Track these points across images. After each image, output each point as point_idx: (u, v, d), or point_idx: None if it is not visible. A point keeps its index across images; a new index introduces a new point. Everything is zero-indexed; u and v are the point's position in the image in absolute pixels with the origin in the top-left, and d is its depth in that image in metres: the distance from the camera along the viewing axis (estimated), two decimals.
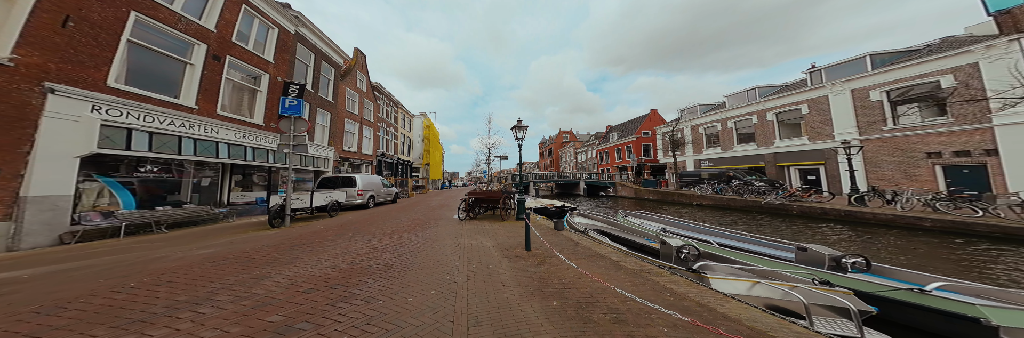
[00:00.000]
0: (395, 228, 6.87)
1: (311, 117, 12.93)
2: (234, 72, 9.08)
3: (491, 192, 8.39)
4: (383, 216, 9.10)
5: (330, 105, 14.89)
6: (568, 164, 59.57)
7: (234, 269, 3.61)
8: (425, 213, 10.10)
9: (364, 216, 9.14)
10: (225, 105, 8.71)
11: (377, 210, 11.00)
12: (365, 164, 19.32)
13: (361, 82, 19.45)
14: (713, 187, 15.89)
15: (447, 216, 9.30)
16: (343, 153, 16.36)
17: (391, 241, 5.45)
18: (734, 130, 19.60)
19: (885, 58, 12.98)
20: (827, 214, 9.61)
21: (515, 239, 5.63)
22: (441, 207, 12.25)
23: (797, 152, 15.74)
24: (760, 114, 17.71)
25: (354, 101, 18.25)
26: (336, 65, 15.67)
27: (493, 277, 3.41)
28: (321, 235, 5.95)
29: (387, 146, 23.64)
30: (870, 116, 12.88)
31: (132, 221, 5.66)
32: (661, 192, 19.94)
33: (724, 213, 12.99)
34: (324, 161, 14.15)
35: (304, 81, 12.78)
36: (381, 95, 23.11)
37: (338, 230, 6.56)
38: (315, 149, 12.99)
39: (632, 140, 34.88)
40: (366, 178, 12.11)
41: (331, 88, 15.20)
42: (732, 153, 19.65)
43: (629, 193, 24.44)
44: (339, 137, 16.11)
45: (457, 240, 5.58)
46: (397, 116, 27.01)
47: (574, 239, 5.59)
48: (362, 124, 18.83)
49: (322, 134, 14.45)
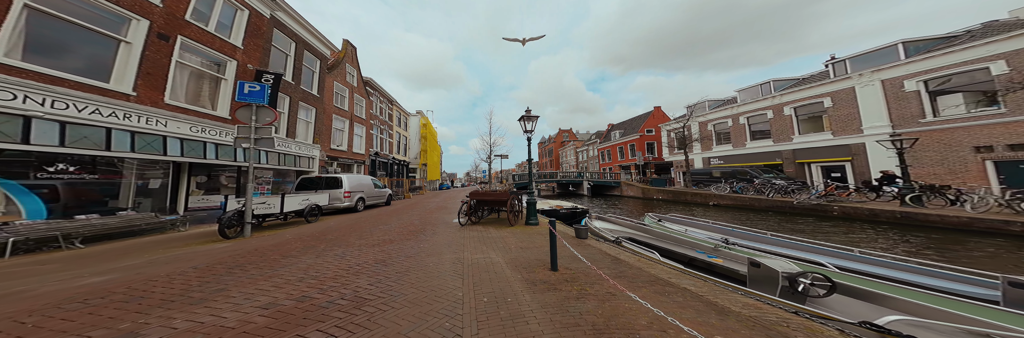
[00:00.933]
0: (382, 237, 5.61)
1: (292, 111, 11.62)
2: (190, 56, 7.77)
3: (496, 192, 7.18)
4: (371, 221, 7.83)
5: (315, 99, 13.59)
6: (569, 163, 58.51)
7: (97, 317, 2.31)
8: (421, 217, 8.84)
9: (349, 221, 7.86)
10: (178, 94, 7.39)
11: (366, 214, 9.72)
12: (357, 164, 17.99)
13: (351, 76, 18.15)
14: (731, 186, 14.77)
15: (446, 220, 8.06)
16: (331, 152, 15.04)
17: (373, 256, 4.19)
18: (747, 126, 18.54)
19: (919, 45, 11.97)
20: (877, 216, 8.48)
21: (532, 252, 4.40)
22: (439, 209, 10.99)
23: (819, 148, 14.67)
24: (776, 109, 16.66)
25: (343, 96, 16.94)
26: (322, 56, 14.37)
27: (517, 321, 2.19)
28: (283, 249, 4.68)
29: (381, 145, 22.32)
30: (905, 108, 11.84)
31: (33, 235, 4.34)
32: (672, 192, 18.80)
33: (748, 214, 11.85)
34: (308, 160, 12.81)
35: (282, 71, 11.48)
36: (374, 91, 21.81)
37: (309, 241, 5.28)
38: (297, 147, 11.66)
39: (635, 138, 33.85)
40: (354, 178, 10.81)
41: (316, 81, 13.90)
42: (745, 150, 18.57)
43: (636, 193, 23.30)
44: (326, 134, 14.79)
45: (458, 254, 4.34)
46: (392, 114, 25.71)
47: (608, 252, 4.37)
48: (353, 121, 17.52)
49: (306, 131, 13.13)
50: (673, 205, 17.00)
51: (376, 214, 9.68)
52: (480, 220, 7.73)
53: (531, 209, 7.13)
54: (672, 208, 15.73)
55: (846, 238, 7.33)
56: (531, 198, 7.24)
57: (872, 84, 12.73)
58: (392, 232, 6.24)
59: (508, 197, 7.00)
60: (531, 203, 7.15)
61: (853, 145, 13.45)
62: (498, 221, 7.82)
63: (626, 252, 4.38)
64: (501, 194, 7.12)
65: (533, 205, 7.17)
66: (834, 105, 14.14)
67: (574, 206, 11.04)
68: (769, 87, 17.62)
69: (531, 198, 7.24)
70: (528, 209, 7.14)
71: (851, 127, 13.57)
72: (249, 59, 9.39)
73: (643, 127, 33.72)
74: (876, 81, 12.58)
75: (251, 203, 5.65)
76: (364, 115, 19.31)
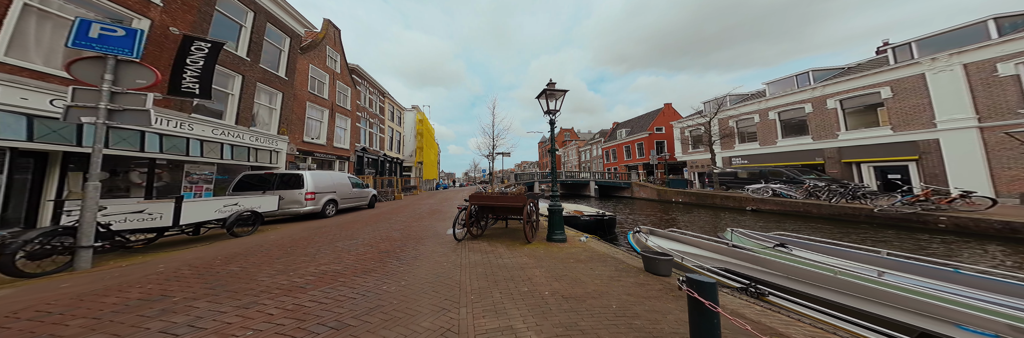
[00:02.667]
0: (326, 267, 3.40)
1: (245, 93, 9.34)
2: (60, 3, 5.45)
3: (507, 197, 4.98)
4: (334, 233, 5.60)
5: (282, 82, 11.33)
6: (571, 163, 56.41)
7: None
8: (406, 225, 6.63)
9: (301, 234, 5.61)
10: (30, 52, 5.10)
11: (336, 221, 7.47)
12: (340, 160, 15.72)
13: (334, 61, 15.90)
14: (772, 188, 12.64)
15: (437, 231, 5.85)
16: (304, 145, 12.77)
17: (262, 331, 1.97)
18: (777, 122, 16.44)
19: (1016, 22, 9.96)
20: (1017, 231, 6.32)
21: (591, 310, 2.21)
22: (431, 214, 8.76)
23: (873, 146, 12.62)
24: (817, 101, 14.59)
25: (322, 82, 14.68)
26: (292, 34, 12.12)
27: None
28: (90, 305, 2.44)
29: (370, 140, 20.05)
30: (997, 96, 9.81)
31: None
32: (694, 194, 16.62)
33: (802, 223, 9.72)
34: (272, 154, 10.53)
35: (231, 42, 9.21)
36: (362, 80, 19.56)
37: (166, 284, 3.04)
38: (253, 137, 9.40)
39: (644, 137, 31.79)
40: (322, 176, 8.55)
41: (284, 61, 11.65)
42: (775, 148, 16.47)
43: (650, 194, 21.16)
44: (298, 125, 12.52)
45: (449, 316, 2.15)
46: (384, 107, 23.46)
47: (769, 323, 2.17)
48: (334, 111, 15.26)
49: (269, 118, 10.86)
50: (698, 210, 14.86)
51: (349, 221, 7.43)
52: (483, 232, 5.54)
53: (557, 219, 4.95)
54: (695, 212, 13.62)
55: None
56: (555, 204, 5.05)
57: (950, 69, 10.69)
58: (351, 254, 4.02)
59: (524, 203, 4.82)
60: (556, 211, 4.97)
61: (921, 142, 11.40)
62: (506, 233, 5.61)
63: (801, 322, 2.16)
64: (514, 198, 4.93)
65: (560, 215, 4.98)
66: (894, 95, 12.10)
67: (599, 212, 8.86)
68: (807, 78, 15.55)
69: (555, 204, 5.05)
70: (552, 219, 4.96)
71: (918, 121, 11.52)
72: (173, 20, 7.10)
73: (652, 125, 31.69)
74: (956, 65, 10.54)
75: (93, 213, 3.37)
76: (349, 106, 17.06)
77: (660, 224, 11.20)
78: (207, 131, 7.81)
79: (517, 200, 4.90)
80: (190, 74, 6.81)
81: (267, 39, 10.57)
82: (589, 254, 4.12)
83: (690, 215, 13.02)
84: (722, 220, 11.18)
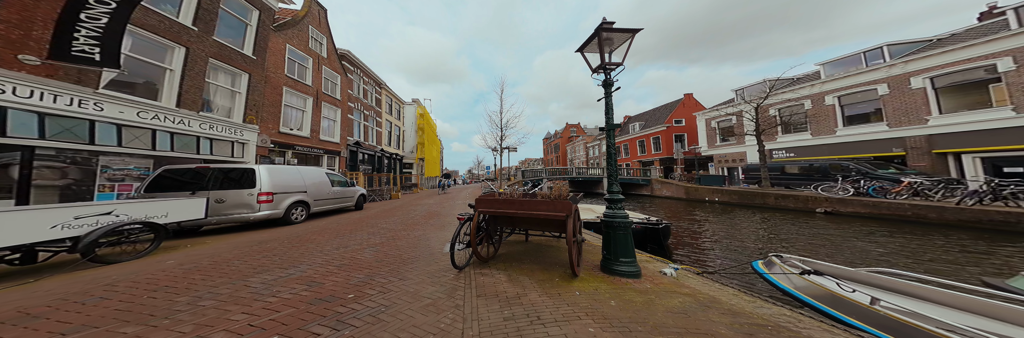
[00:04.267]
0: None
1: (191, 70, 7.47)
2: None
3: (539, 202, 2.93)
4: (277, 252, 3.70)
5: (248, 62, 9.46)
6: (579, 159, 54.19)
7: None
8: (390, 236, 4.71)
9: (223, 253, 3.71)
10: None
11: (300, 229, 5.57)
12: (329, 155, 13.90)
13: (319, 44, 14.02)
14: (854, 185, 10.35)
15: (431, 247, 3.92)
16: (281, 136, 10.94)
17: None
18: (837, 107, 13.95)
19: None
20: None
21: None
22: (428, 219, 6.84)
23: (983, 132, 10.16)
24: (896, 81, 12.05)
25: (304, 66, 12.82)
26: (262, 6, 10.22)
27: None
28: None
29: (365, 134, 18.22)
30: None
31: None
32: (735, 192, 14.28)
33: (909, 232, 7.55)
34: (235, 146, 8.71)
35: (170, 7, 7.33)
36: (354, 68, 17.68)
37: None
38: (208, 125, 7.57)
39: (661, 130, 29.46)
40: (284, 172, 6.65)
41: (251, 38, 9.76)
42: (833, 139, 14.00)
43: (675, 192, 18.97)
44: (272, 113, 10.68)
45: None
46: (381, 99, 21.59)
47: None
48: (319, 99, 13.40)
49: (232, 103, 9.01)
50: (741, 211, 12.68)
51: (317, 230, 5.53)
52: (496, 253, 3.57)
53: (622, 238, 2.92)
54: (742, 215, 11.46)
55: None
56: (617, 212, 3.02)
57: None
58: (256, 307, 2.09)
59: (569, 213, 2.82)
60: (621, 225, 2.93)
61: None
62: (528, 252, 3.62)
63: None
64: (552, 205, 2.87)
65: (627, 231, 2.93)
66: (1019, 67, 9.70)
67: (644, 217, 6.82)
68: (880, 54, 12.97)
69: (617, 212, 3.02)
70: (612, 236, 2.94)
71: None
72: None
73: (670, 117, 29.35)
74: None
75: None
76: (339, 95, 15.19)
77: (699, 228, 9.11)
78: (129, 114, 5.96)
79: (557, 207, 2.83)
80: (87, 33, 4.91)
81: (224, 8, 8.68)
82: (707, 306, 2.13)
83: (732, 217, 10.87)
84: (785, 225, 9.02)
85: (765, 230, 8.36)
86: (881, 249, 5.99)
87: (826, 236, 7.38)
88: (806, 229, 8.24)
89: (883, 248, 6.07)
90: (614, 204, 3.09)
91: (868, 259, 5.35)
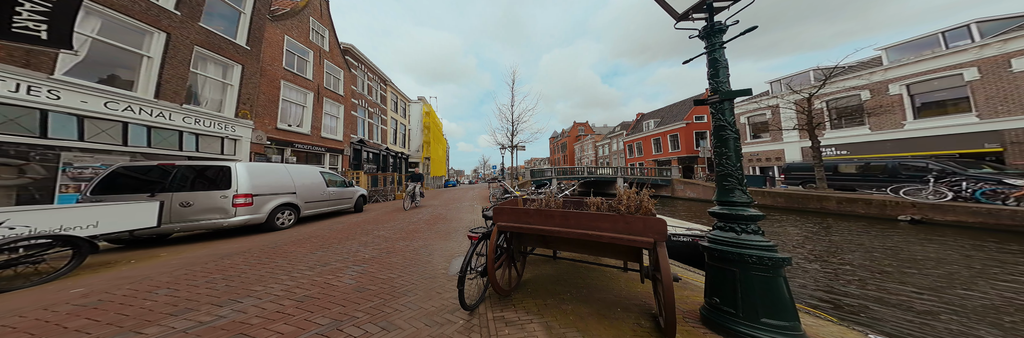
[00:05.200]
0: None
1: (172, 59, 6.77)
2: None
3: (597, 217, 1.84)
4: (236, 271, 2.87)
5: (241, 52, 8.77)
6: (588, 159, 52.80)
7: None
8: (384, 248, 3.84)
9: (165, 274, 2.90)
10: None
11: (280, 238, 4.77)
12: (331, 153, 13.25)
13: (320, 37, 13.35)
14: (950, 188, 8.58)
15: (433, 266, 3.03)
16: (278, 133, 10.26)
17: None
18: (906, 97, 12.21)
19: None
20: None
21: None
22: (432, 224, 5.96)
23: None
24: (988, 64, 10.38)
25: (304, 60, 12.15)
26: None
27: None
28: None
29: (370, 132, 17.57)
30: None
31: None
32: (782, 195, 12.35)
33: None
34: (226, 142, 8.02)
35: None
36: (358, 63, 17.02)
37: None
38: (194, 119, 6.88)
39: (680, 127, 28.01)
40: (267, 171, 5.86)
41: (246, 27, 9.07)
42: (899, 133, 12.24)
43: (702, 194, 17.67)
44: (269, 107, 10.00)
45: None
46: (386, 96, 20.94)
47: None
48: (321, 95, 12.73)
49: (223, 96, 8.33)
50: (788, 216, 11.41)
51: (300, 239, 4.71)
52: (520, 280, 2.61)
53: (763, 285, 1.69)
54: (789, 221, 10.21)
55: None
56: (752, 240, 1.77)
57: None
58: None
59: (658, 237, 1.71)
60: (759, 263, 1.70)
61: None
62: (560, 280, 2.64)
63: None
64: (625, 224, 1.78)
65: (774, 273, 1.69)
66: None
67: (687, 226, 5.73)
68: (966, 33, 11.16)
69: (752, 240, 1.77)
70: (746, 280, 1.73)
71: None
72: None
73: (691, 113, 27.87)
74: None
75: None
76: (342, 91, 14.52)
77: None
78: (95, 104, 5.26)
79: (637, 227, 1.77)
80: (32, 8, 4.18)
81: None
82: None
83: (783, 225, 9.60)
84: (870, 237, 7.54)
85: (856, 245, 6.77)
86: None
87: (914, 246, 6.09)
88: (910, 245, 6.60)
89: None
90: (739, 223, 1.85)
91: None
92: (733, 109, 1.99)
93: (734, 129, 1.94)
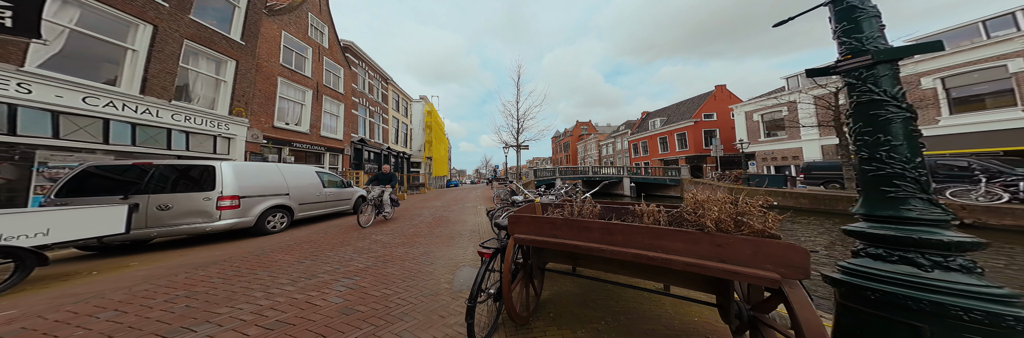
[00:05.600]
0: None
1: (160, 53, 6.40)
2: None
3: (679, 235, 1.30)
4: (207, 286, 2.47)
5: (235, 47, 8.41)
6: (591, 159, 52.16)
7: None
8: (380, 256, 3.42)
9: (123, 289, 2.52)
10: None
11: (266, 244, 4.37)
12: (331, 153, 12.90)
13: (319, 33, 13.01)
14: (1006, 188, 7.83)
15: (436, 281, 2.58)
16: (275, 132, 9.91)
17: None
18: (940, 91, 11.48)
19: None
20: None
21: None
22: (434, 227, 5.53)
23: None
24: None
25: (303, 56, 11.80)
26: None
27: None
28: None
29: (371, 131, 17.22)
30: None
31: None
32: (806, 196, 11.53)
33: None
34: (219, 141, 7.66)
35: None
36: (359, 61, 16.67)
37: None
38: (183, 116, 6.51)
39: (688, 125, 27.35)
40: (257, 170, 5.47)
41: (240, 21, 8.72)
42: (934, 129, 11.43)
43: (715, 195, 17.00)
44: (266, 105, 9.65)
45: None
46: (388, 95, 20.60)
47: None
48: (320, 93, 12.37)
49: (216, 93, 7.97)
50: (813, 219, 10.83)
51: (288, 246, 4.31)
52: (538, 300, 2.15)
53: None
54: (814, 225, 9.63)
55: None
56: (982, 286, 0.96)
57: None
58: None
59: (798, 275, 1.13)
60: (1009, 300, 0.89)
61: None
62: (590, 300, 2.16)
63: None
64: (706, 243, 1.27)
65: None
66: None
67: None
68: (1012, 21, 10.43)
69: (982, 286, 0.96)
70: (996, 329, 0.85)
71: None
72: None
73: (699, 111, 27.21)
74: None
75: None
76: (342, 89, 14.17)
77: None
78: (72, 99, 4.90)
79: (727, 250, 1.24)
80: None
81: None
82: None
83: (815, 228, 9.02)
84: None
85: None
86: None
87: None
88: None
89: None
90: (925, 252, 1.11)
91: None
92: (897, 75, 1.25)
93: (904, 103, 1.21)
